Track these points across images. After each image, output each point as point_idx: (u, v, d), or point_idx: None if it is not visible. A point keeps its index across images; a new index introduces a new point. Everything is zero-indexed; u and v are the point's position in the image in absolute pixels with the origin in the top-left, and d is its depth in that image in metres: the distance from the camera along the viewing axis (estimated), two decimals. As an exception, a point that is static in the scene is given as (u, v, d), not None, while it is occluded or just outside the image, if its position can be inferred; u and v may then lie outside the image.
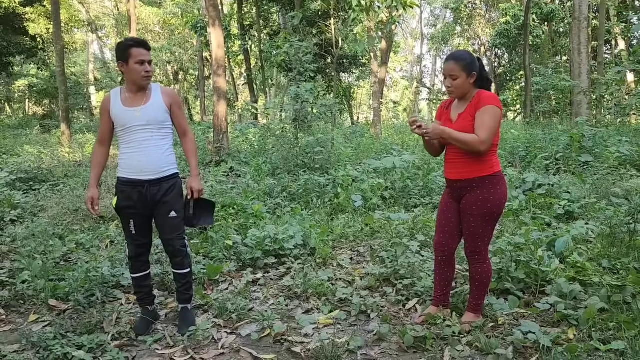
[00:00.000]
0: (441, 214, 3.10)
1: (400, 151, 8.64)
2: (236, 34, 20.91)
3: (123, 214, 3.09)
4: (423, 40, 38.58)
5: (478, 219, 2.87)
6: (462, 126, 2.83)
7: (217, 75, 9.91)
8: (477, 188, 2.86)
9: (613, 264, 3.73)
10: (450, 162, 2.99)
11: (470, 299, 3.09)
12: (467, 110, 2.84)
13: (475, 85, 2.88)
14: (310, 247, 4.54)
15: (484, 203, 2.84)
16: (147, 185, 3.02)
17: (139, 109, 3.00)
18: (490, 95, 2.83)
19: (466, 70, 2.81)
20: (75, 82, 29.23)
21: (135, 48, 2.95)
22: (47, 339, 2.98)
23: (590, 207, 5.45)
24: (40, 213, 6.02)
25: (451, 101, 3.04)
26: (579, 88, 12.52)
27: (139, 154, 3.01)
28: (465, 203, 2.92)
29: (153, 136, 3.03)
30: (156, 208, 3.07)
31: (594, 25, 20.31)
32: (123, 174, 3.06)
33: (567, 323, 3.06)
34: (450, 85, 2.85)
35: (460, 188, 2.93)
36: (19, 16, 20.32)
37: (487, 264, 2.99)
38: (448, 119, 2.97)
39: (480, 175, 2.85)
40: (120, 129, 3.04)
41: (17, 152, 10.79)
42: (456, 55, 2.90)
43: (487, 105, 2.77)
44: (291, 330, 3.16)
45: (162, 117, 3.06)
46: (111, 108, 3.04)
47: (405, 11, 10.13)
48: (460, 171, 2.90)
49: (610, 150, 7.65)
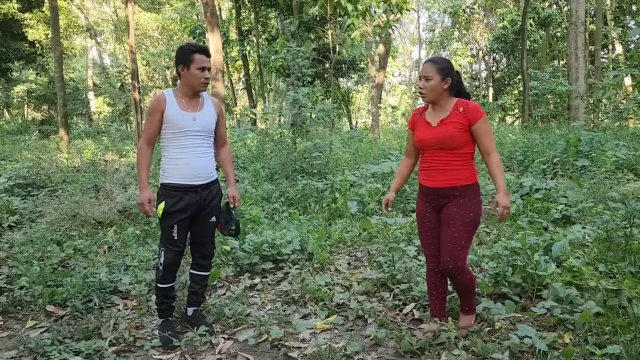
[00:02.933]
0: (422, 225, 3.03)
1: (398, 156, 8.65)
2: (234, 39, 20.98)
3: (170, 219, 3.04)
4: (421, 45, 38.71)
5: (461, 228, 2.80)
6: (446, 131, 2.79)
7: (215, 80, 9.93)
8: (460, 197, 2.83)
9: (609, 268, 3.74)
10: (430, 169, 2.92)
11: (463, 306, 3.09)
12: (454, 117, 2.80)
13: (450, 93, 2.86)
14: (308, 252, 4.55)
15: (466, 212, 2.80)
16: (199, 189, 3.07)
17: (195, 115, 3.04)
18: (477, 105, 2.83)
19: (440, 73, 2.80)
20: (74, 88, 29.25)
21: (198, 54, 2.97)
22: (45, 345, 2.99)
23: (587, 211, 5.46)
24: (38, 219, 6.01)
25: (425, 108, 3.01)
26: (576, 92, 12.56)
27: (193, 159, 3.04)
28: (446, 213, 2.86)
29: (204, 143, 3.10)
30: (202, 211, 3.13)
31: (590, 30, 20.41)
32: (174, 179, 3.04)
33: (563, 327, 3.07)
34: (423, 87, 2.83)
35: (442, 196, 2.88)
36: (17, 22, 20.34)
37: (469, 273, 2.95)
38: (425, 124, 2.92)
39: (463, 184, 2.83)
40: (173, 132, 3.02)
41: (16, 157, 10.80)
42: (433, 58, 2.91)
43: (483, 115, 2.78)
44: (288, 336, 3.16)
45: (212, 126, 3.16)
46: (166, 109, 2.99)
47: (402, 14, 10.17)
48: (443, 179, 2.85)
49: (607, 155, 7.67)
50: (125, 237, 5.12)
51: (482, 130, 2.79)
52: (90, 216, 5.80)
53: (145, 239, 5.14)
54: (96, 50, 35.06)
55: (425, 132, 2.89)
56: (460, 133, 2.78)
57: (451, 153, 2.82)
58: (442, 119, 2.84)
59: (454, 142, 2.79)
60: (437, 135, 2.82)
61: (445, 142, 2.80)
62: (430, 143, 2.86)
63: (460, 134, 2.78)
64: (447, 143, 2.80)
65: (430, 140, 2.86)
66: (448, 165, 2.84)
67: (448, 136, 2.79)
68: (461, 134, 2.78)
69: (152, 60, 29.93)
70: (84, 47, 32.92)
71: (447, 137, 2.79)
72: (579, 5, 12.77)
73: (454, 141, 2.79)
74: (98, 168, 9.46)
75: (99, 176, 8.32)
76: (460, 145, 2.80)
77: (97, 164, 10.05)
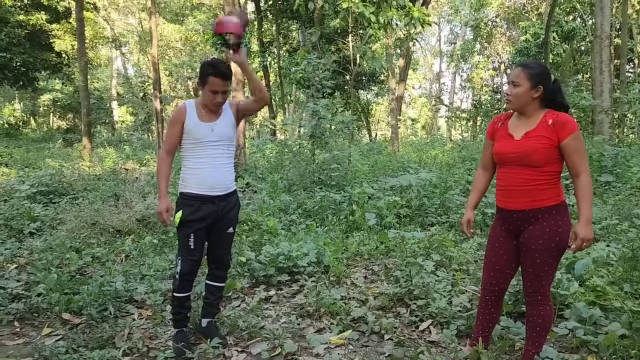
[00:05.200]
0: (492, 250, 2.74)
1: (417, 169, 8.58)
2: (256, 51, 21.16)
3: (186, 227, 3.05)
4: (442, 57, 38.59)
5: (544, 254, 2.50)
6: (531, 146, 2.48)
7: (235, 91, 10.00)
8: (543, 219, 2.50)
9: (635, 289, 3.62)
10: (507, 189, 2.60)
11: (529, 347, 2.68)
12: (541, 130, 2.48)
13: (541, 104, 2.55)
14: (324, 264, 4.51)
15: (551, 236, 2.48)
16: (217, 200, 3.07)
17: (213, 125, 3.04)
18: (570, 118, 2.50)
19: (531, 80, 2.50)
20: (99, 97, 29.85)
21: (213, 77, 2.91)
22: (59, 353, 3.00)
23: (612, 228, 5.32)
24: (58, 226, 6.09)
25: (507, 116, 2.71)
26: (601, 107, 12.34)
27: (211, 170, 3.04)
28: (528, 237, 2.54)
29: (223, 153, 3.09)
30: (219, 222, 3.13)
31: (616, 44, 20.10)
32: (192, 189, 3.05)
33: (586, 349, 2.97)
34: (510, 93, 2.56)
35: (521, 219, 2.57)
36: (45, 33, 20.89)
37: (550, 306, 2.63)
38: (506, 136, 2.62)
39: (546, 205, 2.50)
40: (192, 142, 3.03)
41: (39, 165, 10.99)
42: (526, 62, 2.61)
43: (575, 130, 2.44)
44: (302, 350, 3.12)
45: (232, 133, 3.14)
46: (187, 120, 3.02)
47: (423, 28, 10.14)
48: (523, 200, 2.53)
49: (632, 170, 7.49)
50: (143, 246, 5.14)
51: (572, 147, 2.44)
52: (109, 224, 5.85)
53: (162, 249, 5.15)
54: (121, 60, 35.74)
55: (506, 144, 2.59)
56: (546, 149, 2.46)
57: (534, 171, 2.50)
58: (528, 131, 2.52)
59: (538, 160, 2.47)
60: (519, 150, 2.51)
61: (527, 158, 2.49)
62: (511, 158, 2.56)
63: (546, 151, 2.46)
64: (530, 160, 2.49)
65: (510, 155, 2.56)
66: (529, 184, 2.51)
67: (531, 152, 2.47)
68: (547, 150, 2.46)
69: (174, 70, 30.40)
70: (109, 58, 33.60)
71: (530, 153, 2.48)
72: (604, 19, 12.59)
73: (538, 158, 2.47)
74: (118, 176, 9.58)
75: (119, 185, 8.42)
76: (545, 163, 2.48)
77: (117, 172, 10.17)
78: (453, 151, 13.59)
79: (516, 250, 2.66)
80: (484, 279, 2.81)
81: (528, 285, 2.61)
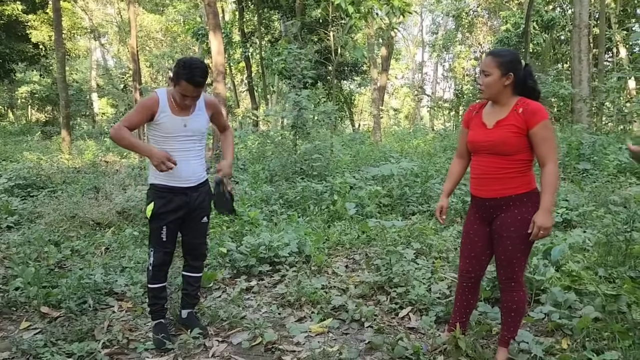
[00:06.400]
0: (467, 237, 2.77)
1: (399, 158, 8.62)
2: (237, 41, 20.97)
3: (159, 220, 3.01)
4: (424, 47, 38.68)
5: (516, 241, 2.52)
6: (502, 135, 2.50)
7: (216, 82, 9.91)
8: (514, 207, 2.53)
9: (609, 273, 3.70)
10: (480, 177, 2.62)
11: (504, 332, 2.71)
12: (512, 119, 2.49)
13: (513, 91, 2.56)
14: (305, 254, 4.52)
15: (522, 223, 2.50)
16: (189, 191, 3.05)
17: (186, 119, 2.98)
18: (540, 106, 2.49)
19: (501, 68, 2.50)
20: (78, 89, 29.33)
21: (185, 82, 2.81)
22: (37, 347, 2.97)
23: (588, 215, 5.42)
24: (37, 219, 6.01)
25: (482, 105, 2.71)
26: (579, 95, 12.51)
27: (183, 163, 2.98)
28: (500, 224, 2.57)
29: (195, 146, 3.06)
30: (192, 213, 3.10)
31: (594, 33, 20.34)
32: (163, 181, 3.00)
33: (561, 332, 3.04)
34: (482, 82, 2.56)
35: (493, 207, 2.59)
36: (21, 23, 20.41)
37: (524, 291, 2.66)
38: (480, 124, 2.63)
39: (517, 193, 2.52)
40: (163, 135, 2.97)
41: (17, 158, 10.81)
42: (495, 50, 2.60)
43: (544, 119, 2.44)
44: (282, 339, 3.14)
45: (204, 128, 3.12)
46: (158, 113, 2.92)
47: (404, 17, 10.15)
48: (494, 188, 2.55)
49: (609, 158, 7.63)
50: (123, 238, 5.11)
51: (540, 136, 2.44)
52: (89, 217, 5.79)
53: (142, 240, 5.12)
54: (100, 51, 35.14)
55: (479, 133, 2.61)
56: (516, 138, 2.47)
57: (505, 159, 2.51)
58: (499, 120, 2.54)
59: (509, 148, 2.49)
60: (491, 139, 2.53)
61: (499, 147, 2.51)
62: (483, 147, 2.58)
63: (516, 139, 2.47)
64: (501, 148, 2.51)
65: (483, 144, 2.58)
66: (500, 172, 2.53)
67: (503, 141, 2.49)
68: (517, 138, 2.47)
69: (155, 61, 30.01)
70: (88, 49, 33.01)
71: (501, 142, 2.50)
72: (583, 8, 12.72)
73: (508, 147, 2.49)
74: (98, 169, 9.47)
75: (99, 177, 8.32)
76: (515, 152, 2.49)
77: (97, 165, 10.05)
78: (435, 141, 13.68)
79: (490, 237, 2.68)
80: (460, 266, 2.84)
81: (501, 272, 2.65)
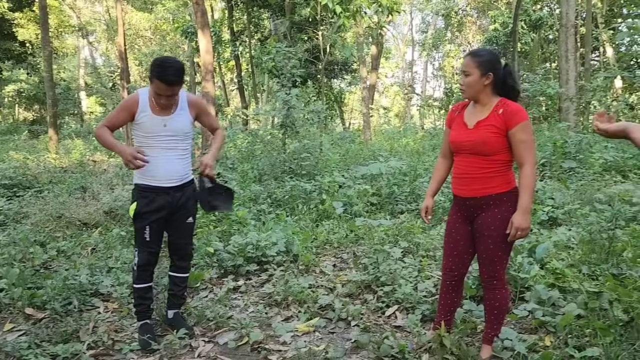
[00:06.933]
0: (449, 236, 2.79)
1: (387, 157, 8.64)
2: (227, 40, 20.90)
3: (141, 220, 3.01)
4: (414, 46, 38.78)
5: (497, 240, 2.55)
6: (482, 135, 2.52)
7: (205, 80, 9.89)
8: (495, 206, 2.55)
9: (592, 270, 3.74)
10: (461, 177, 2.65)
11: (488, 330, 2.75)
12: (492, 119, 2.52)
13: (494, 90, 2.58)
14: (293, 253, 4.53)
15: (503, 222, 2.52)
16: (172, 191, 3.03)
17: (166, 119, 2.96)
18: (520, 108, 2.51)
19: (481, 68, 2.52)
20: (66, 88, 29.07)
21: (158, 81, 2.80)
22: (21, 349, 2.95)
23: (574, 213, 5.47)
24: (23, 220, 5.96)
25: (464, 105, 2.73)
26: (566, 94, 12.61)
27: (164, 162, 2.98)
28: (481, 223, 2.60)
29: (177, 146, 3.04)
30: (176, 213, 3.09)
31: (581, 33, 20.51)
32: (146, 180, 3.00)
33: (544, 330, 3.07)
34: (463, 82, 2.58)
35: (474, 206, 2.62)
36: (7, 21, 20.20)
37: (506, 289, 2.69)
38: (462, 124, 2.65)
39: (497, 192, 2.54)
40: (144, 135, 2.97)
41: (2, 158, 10.70)
42: (474, 50, 2.64)
43: (523, 120, 2.46)
44: (269, 338, 3.14)
45: (187, 128, 3.08)
46: (138, 112, 2.93)
47: (393, 16, 10.17)
48: (474, 188, 2.58)
49: (594, 156, 7.70)
50: (110, 238, 5.08)
51: (518, 137, 2.47)
52: (76, 217, 5.75)
53: (129, 241, 5.08)
54: (88, 49, 34.84)
55: (460, 133, 2.63)
56: (496, 138, 2.49)
57: (484, 159, 2.54)
58: (479, 120, 2.56)
59: (488, 148, 2.51)
60: (471, 139, 2.56)
61: (479, 147, 2.53)
62: (464, 146, 2.60)
63: (496, 139, 2.49)
64: (481, 148, 2.53)
65: (464, 143, 2.60)
66: (479, 172, 2.56)
67: (483, 141, 2.51)
68: (497, 139, 2.49)
69: (144, 60, 29.77)
70: (76, 47, 32.72)
71: (481, 142, 2.52)
72: (570, 8, 12.82)
73: (488, 147, 2.51)
74: (86, 169, 9.40)
75: (87, 177, 8.26)
76: (495, 152, 2.52)
77: (85, 164, 9.98)
78: (424, 139, 13.73)
79: (472, 236, 2.71)
80: (444, 265, 2.86)
81: (483, 271, 2.68)
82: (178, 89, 2.90)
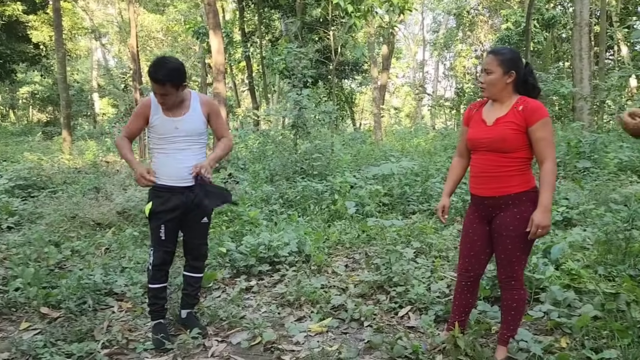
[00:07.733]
0: (466, 236, 2.75)
1: (399, 157, 8.61)
2: (238, 41, 20.96)
3: (156, 219, 3.05)
4: (425, 46, 38.63)
5: (516, 240, 2.52)
6: (501, 132, 2.50)
7: (216, 81, 9.92)
8: (514, 206, 2.52)
9: (609, 271, 3.69)
10: (479, 176, 2.62)
11: (504, 331, 2.71)
12: (511, 116, 2.50)
13: (514, 89, 2.57)
14: (305, 254, 4.52)
15: (522, 222, 2.48)
16: (186, 191, 3.05)
17: (178, 120, 2.99)
18: (540, 105, 2.50)
19: (503, 66, 2.51)
20: (79, 89, 29.40)
21: (152, 81, 2.87)
22: (37, 347, 2.97)
23: (589, 213, 5.41)
24: (37, 220, 6.02)
25: (482, 103, 2.72)
26: (580, 94, 12.48)
27: (178, 163, 3.01)
28: (499, 223, 2.56)
29: (191, 146, 3.06)
30: (190, 212, 3.10)
31: (595, 31, 20.29)
32: (161, 180, 3.03)
33: (560, 331, 3.03)
34: (484, 80, 2.56)
35: (492, 206, 2.59)
36: (22, 24, 20.45)
37: (524, 290, 2.67)
38: (480, 121, 2.63)
39: (517, 192, 2.51)
40: (158, 137, 3.03)
41: (18, 159, 10.82)
42: (497, 48, 2.62)
43: (543, 117, 2.44)
44: (282, 339, 3.14)
45: (201, 129, 3.10)
46: (151, 115, 3.01)
47: (404, 15, 10.14)
48: (493, 186, 2.55)
49: (609, 156, 7.61)
50: (123, 238, 5.11)
51: (539, 134, 2.44)
52: (89, 217, 5.80)
53: (142, 241, 5.12)
54: (101, 51, 35.13)
55: (479, 130, 2.61)
56: (516, 135, 2.47)
57: (504, 157, 2.51)
58: (499, 117, 2.54)
59: (508, 145, 2.49)
60: (490, 136, 2.54)
61: (498, 144, 2.51)
62: (482, 144, 2.57)
63: (515, 136, 2.47)
64: (500, 145, 2.50)
65: (482, 141, 2.57)
66: (498, 170, 2.52)
67: (502, 138, 2.49)
68: (516, 136, 2.47)
69: (156, 61, 29.91)
70: (89, 49, 33.03)
71: (501, 139, 2.49)
72: (583, 6, 12.68)
73: (507, 144, 2.49)
74: (99, 169, 9.48)
75: (100, 177, 8.33)
76: (514, 149, 2.49)
77: (98, 165, 10.07)
78: (435, 139, 13.66)
79: (490, 236, 2.68)
80: (460, 265, 2.83)
81: (501, 271, 2.65)
82: (171, 89, 2.89)
